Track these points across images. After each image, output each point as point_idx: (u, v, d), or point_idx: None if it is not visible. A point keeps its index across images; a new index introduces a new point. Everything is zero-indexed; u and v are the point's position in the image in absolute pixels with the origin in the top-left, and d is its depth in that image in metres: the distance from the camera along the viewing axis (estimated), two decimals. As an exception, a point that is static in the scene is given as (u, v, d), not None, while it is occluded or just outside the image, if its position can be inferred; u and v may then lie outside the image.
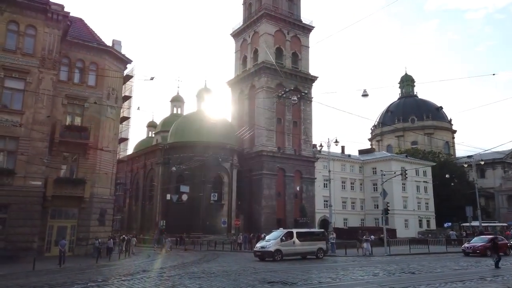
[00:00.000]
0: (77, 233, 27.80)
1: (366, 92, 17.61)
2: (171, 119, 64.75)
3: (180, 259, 26.72)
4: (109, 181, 30.55)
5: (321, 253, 25.35)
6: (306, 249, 24.89)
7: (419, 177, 68.01)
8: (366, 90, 17.34)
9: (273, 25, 60.70)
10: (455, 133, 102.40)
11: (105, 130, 30.18)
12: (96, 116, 29.65)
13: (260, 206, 54.93)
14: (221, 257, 27.99)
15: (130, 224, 61.09)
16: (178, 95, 70.41)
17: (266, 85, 58.09)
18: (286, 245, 23.78)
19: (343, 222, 63.05)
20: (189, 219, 50.40)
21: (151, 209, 55.18)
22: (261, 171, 55.40)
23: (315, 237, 26.39)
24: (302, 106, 61.33)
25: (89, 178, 28.00)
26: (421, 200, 68.15)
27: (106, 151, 29.81)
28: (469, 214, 37.33)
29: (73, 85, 29.14)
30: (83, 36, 30.52)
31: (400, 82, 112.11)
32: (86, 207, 28.01)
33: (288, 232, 25.10)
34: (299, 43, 63.60)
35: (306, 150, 60.87)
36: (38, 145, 24.53)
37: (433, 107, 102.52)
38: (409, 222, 64.97)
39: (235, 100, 64.04)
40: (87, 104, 29.29)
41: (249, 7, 65.88)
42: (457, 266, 19.87)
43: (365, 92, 17.60)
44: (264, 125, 56.90)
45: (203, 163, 51.65)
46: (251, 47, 62.95)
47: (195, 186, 50.69)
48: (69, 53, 29.19)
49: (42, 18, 25.49)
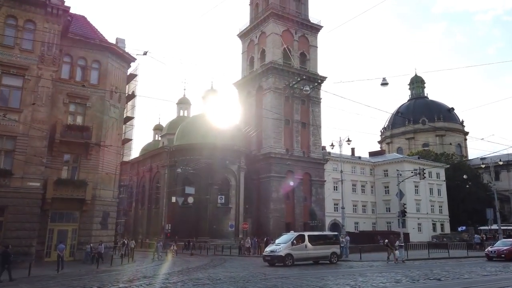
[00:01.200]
0: (78, 237, 26.60)
1: (385, 81, 16.23)
2: (178, 121, 63.78)
3: (185, 264, 25.42)
4: (112, 183, 29.38)
5: (335, 258, 23.83)
6: (318, 254, 23.42)
7: (432, 179, 65.99)
8: (385, 78, 15.98)
9: (281, 25, 59.54)
10: (467, 135, 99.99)
11: (108, 130, 29.04)
12: (99, 116, 28.55)
13: (268, 209, 53.55)
14: (229, 262, 26.65)
15: (136, 229, 60.07)
16: (185, 97, 69.44)
17: (274, 85, 56.86)
18: (298, 249, 22.30)
19: (354, 226, 61.28)
20: (196, 223, 49.18)
21: (157, 213, 54.04)
22: (269, 174, 54.06)
23: (328, 240, 24.89)
24: (311, 107, 59.99)
25: (91, 179, 26.85)
26: (435, 203, 66.09)
27: (109, 152, 28.72)
28: (490, 217, 35.54)
29: (75, 83, 28.05)
30: (85, 34, 29.51)
31: (410, 84, 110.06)
32: (88, 210, 26.84)
33: (300, 235, 23.63)
34: (307, 43, 62.36)
35: (315, 152, 59.43)
36: (37, 144, 23.44)
37: (444, 109, 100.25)
38: (422, 225, 62.96)
39: (242, 101, 62.89)
40: (89, 103, 28.27)
41: (256, 7, 64.89)
42: (484, 271, 18.29)
43: (384, 80, 16.21)
44: (272, 127, 55.66)
45: (209, 165, 50.49)
46: (258, 47, 61.86)
47: (202, 189, 49.53)
48: (71, 51, 28.16)
49: (41, 13, 24.50)
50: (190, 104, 69.45)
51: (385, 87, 16.39)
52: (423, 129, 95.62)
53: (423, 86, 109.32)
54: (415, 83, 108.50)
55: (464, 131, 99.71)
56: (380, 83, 16.17)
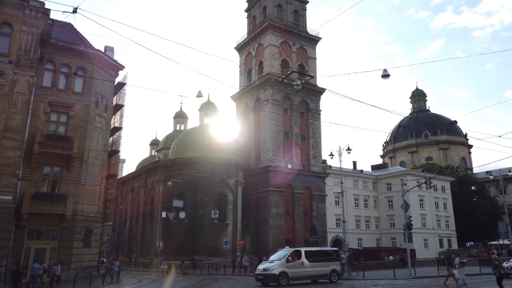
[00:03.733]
0: (58, 256, 24.54)
1: (386, 72, 14.48)
2: (174, 135, 62.16)
3: (172, 285, 23.32)
4: (97, 197, 27.49)
5: (335, 276, 21.64)
6: (317, 272, 21.25)
7: (438, 193, 63.63)
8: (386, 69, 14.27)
9: (278, 36, 58.46)
10: (471, 148, 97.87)
11: (92, 140, 27.36)
12: (83, 125, 26.92)
13: (267, 225, 51.29)
14: (220, 281, 24.55)
15: (130, 247, 57.75)
16: (181, 110, 67.97)
17: (272, 97, 55.33)
18: (293, 266, 20.16)
19: (358, 242, 58.82)
20: (191, 241, 47.00)
21: (152, 230, 51.82)
22: (267, 188, 51.97)
23: (327, 257, 22.63)
24: (310, 119, 58.35)
25: (72, 193, 25.00)
26: (441, 217, 63.57)
27: (94, 164, 26.95)
28: (502, 230, 33.26)
29: (58, 91, 26.56)
30: (70, 40, 28.17)
31: (411, 97, 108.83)
32: (69, 226, 24.90)
33: (296, 251, 21.47)
34: (306, 55, 61.11)
35: (316, 166, 57.45)
36: (10, 154, 21.71)
37: (447, 122, 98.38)
38: (429, 241, 60.32)
39: (240, 114, 61.36)
40: (73, 112, 26.66)
41: (254, 19, 64.07)
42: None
43: (385, 71, 14.48)
44: (271, 139, 53.91)
45: (205, 180, 48.65)
46: (255, 59, 60.65)
47: (198, 205, 47.57)
48: (54, 58, 26.77)
49: (19, 15, 23.13)
50: (187, 118, 68.01)
51: (386, 79, 14.65)
52: (426, 142, 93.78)
53: (425, 99, 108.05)
54: (417, 96, 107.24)
55: (468, 144, 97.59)
56: (381, 75, 14.43)
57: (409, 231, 25.63)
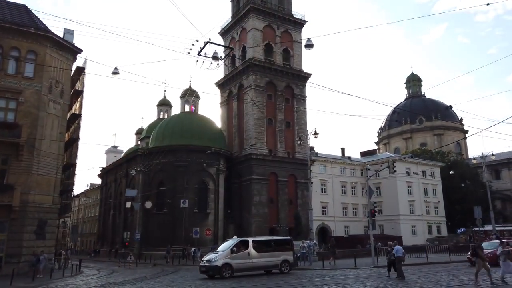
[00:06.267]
0: (7, 249, 23.47)
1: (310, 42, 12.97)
2: (157, 124, 60.77)
3: (129, 275, 22.26)
4: (52, 187, 26.26)
5: (287, 267, 20.35)
6: (266, 262, 19.91)
7: (427, 178, 62.21)
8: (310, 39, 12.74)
9: (262, 20, 56.59)
10: (466, 133, 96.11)
11: (46, 128, 26.08)
12: (34, 112, 25.61)
13: (250, 214, 50.18)
14: (176, 273, 23.40)
15: (114, 238, 56.99)
16: (165, 98, 66.53)
17: (255, 83, 53.73)
18: (239, 257, 18.89)
19: (344, 230, 57.75)
20: (171, 231, 46.07)
21: (133, 221, 50.87)
22: (250, 176, 50.70)
23: (279, 247, 21.22)
24: (296, 105, 56.77)
25: (21, 183, 23.81)
26: (430, 204, 62.25)
27: (47, 152, 25.71)
28: (477, 216, 31.89)
29: (6, 76, 25.23)
30: (20, 22, 26.69)
31: (407, 82, 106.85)
32: (18, 218, 23.76)
33: (242, 241, 20.12)
34: (291, 39, 59.24)
35: (301, 153, 55.99)
36: None
37: (442, 107, 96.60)
38: (417, 228, 59.15)
39: (224, 102, 59.92)
40: (22, 98, 25.32)
41: (237, 3, 62.08)
42: (453, 281, 14.88)
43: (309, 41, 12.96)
44: (254, 126, 52.48)
45: (185, 168, 47.51)
46: (239, 44, 58.87)
47: (177, 193, 46.47)
48: (2, 41, 25.38)
49: (-48, -6, 21.68)
50: (171, 106, 66.56)
51: (309, 49, 13.19)
52: (420, 128, 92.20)
53: (420, 84, 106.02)
54: (412, 81, 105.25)
55: (463, 129, 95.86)
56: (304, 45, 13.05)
57: (372, 218, 24.32)
